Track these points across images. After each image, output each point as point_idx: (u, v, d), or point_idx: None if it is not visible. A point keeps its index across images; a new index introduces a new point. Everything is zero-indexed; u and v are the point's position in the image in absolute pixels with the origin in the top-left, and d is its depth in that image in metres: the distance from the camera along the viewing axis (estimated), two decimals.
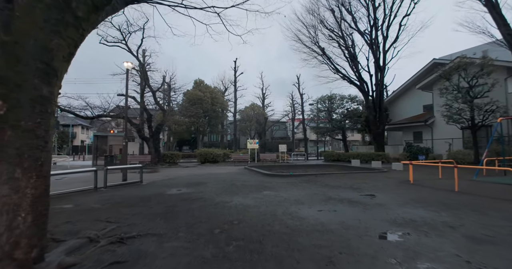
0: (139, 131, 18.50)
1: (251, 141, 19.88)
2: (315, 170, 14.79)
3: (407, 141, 24.03)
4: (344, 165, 18.01)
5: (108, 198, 7.13)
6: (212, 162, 19.54)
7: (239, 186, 8.93)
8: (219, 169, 15.91)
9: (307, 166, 17.61)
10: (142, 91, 17.95)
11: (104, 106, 18.13)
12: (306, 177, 10.96)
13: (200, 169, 15.80)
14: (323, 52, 22.84)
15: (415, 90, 26.49)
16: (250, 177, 11.42)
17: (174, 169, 16.00)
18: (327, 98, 24.84)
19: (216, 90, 34.47)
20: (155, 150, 18.43)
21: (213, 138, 46.35)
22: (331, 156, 23.84)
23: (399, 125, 25.06)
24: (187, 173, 13.52)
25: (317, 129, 25.55)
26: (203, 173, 13.09)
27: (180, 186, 9.15)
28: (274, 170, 15.20)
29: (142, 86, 17.97)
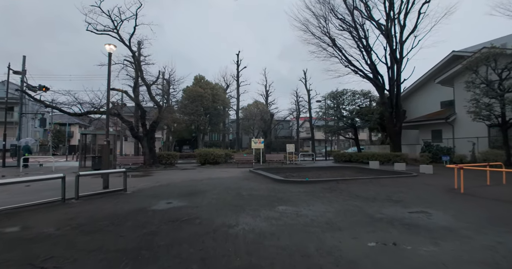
0: (132, 129, 16.68)
1: (255, 140, 18.02)
2: (332, 174, 12.92)
3: (425, 140, 22.09)
4: (360, 167, 16.10)
5: (71, 216, 5.28)
6: (213, 164, 17.69)
7: (246, 196, 7.06)
8: (221, 172, 14.05)
9: (319, 169, 15.71)
10: (135, 84, 16.10)
11: (94, 102, 16.36)
12: (326, 184, 9.05)
13: (199, 172, 13.95)
14: (334, 43, 20.92)
15: (432, 85, 24.54)
16: (258, 183, 9.54)
17: (170, 172, 14.15)
18: (338, 93, 22.90)
19: (217, 86, 32.59)
20: (149, 150, 16.59)
21: (214, 137, 44.50)
22: (342, 157, 21.95)
23: (415, 123, 23.10)
24: (183, 177, 11.67)
25: (326, 127, 23.61)
26: (202, 178, 11.23)
27: (171, 196, 7.28)
28: (284, 173, 13.34)
29: (135, 79, 16.10)
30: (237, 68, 27.77)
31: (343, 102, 23.03)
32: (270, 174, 11.38)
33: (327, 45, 21.36)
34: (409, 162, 18.95)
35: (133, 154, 22.63)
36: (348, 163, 20.84)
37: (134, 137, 16.96)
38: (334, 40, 21.02)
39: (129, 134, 19.15)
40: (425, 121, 22.63)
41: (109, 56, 8.85)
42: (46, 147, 45.87)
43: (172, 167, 16.65)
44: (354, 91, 22.60)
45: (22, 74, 19.01)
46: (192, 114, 29.62)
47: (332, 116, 23.11)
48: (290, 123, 55.04)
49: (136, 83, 16.02)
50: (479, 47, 21.32)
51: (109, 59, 8.87)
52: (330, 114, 23.27)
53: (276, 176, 10.61)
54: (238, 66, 27.77)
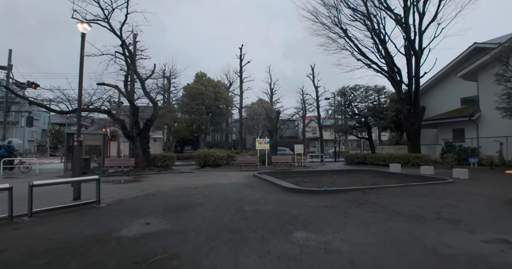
0: (124, 128, 15.09)
1: (260, 140, 16.32)
2: (350, 180, 11.19)
3: (446, 140, 20.17)
4: (379, 170, 14.31)
5: (4, 247, 3.69)
6: (213, 166, 16.03)
7: (249, 214, 5.35)
8: (221, 176, 12.37)
9: (333, 172, 13.95)
10: (126, 78, 14.50)
11: (85, 99, 14.80)
12: (350, 195, 7.30)
13: (196, 177, 12.29)
14: (346, 33, 19.14)
15: (450, 81, 22.63)
16: (264, 192, 7.82)
17: (164, 177, 12.52)
18: (349, 89, 21.10)
19: (219, 84, 30.96)
20: (143, 151, 14.98)
21: (217, 138, 42.90)
22: (354, 158, 20.12)
23: (434, 121, 21.18)
24: (177, 183, 10.00)
25: (336, 126, 21.80)
26: (198, 184, 9.54)
27: (153, 212, 5.62)
28: (293, 178, 11.63)
29: (126, 73, 14.49)
30: (240, 63, 26.09)
31: (355, 98, 21.22)
32: (278, 180, 9.66)
33: (337, 36, 19.61)
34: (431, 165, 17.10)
35: (126, 156, 21.08)
36: (362, 166, 19.01)
37: (126, 137, 15.37)
38: (346, 31, 19.26)
39: (120, 133, 17.57)
40: (445, 119, 20.71)
41: (82, 37, 7.22)
42: (44, 148, 44.68)
43: (167, 170, 15.02)
44: (367, 86, 20.79)
45: (8, 69, 17.55)
46: (193, 113, 28.03)
47: (343, 114, 21.30)
48: (296, 122, 53.28)
49: (127, 76, 14.42)
50: (502, 39, 19.38)
51: (82, 41, 7.24)
52: (341, 112, 21.46)
53: (286, 183, 8.88)
54: (241, 61, 26.09)
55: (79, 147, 7.20)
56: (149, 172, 14.07)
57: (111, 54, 13.83)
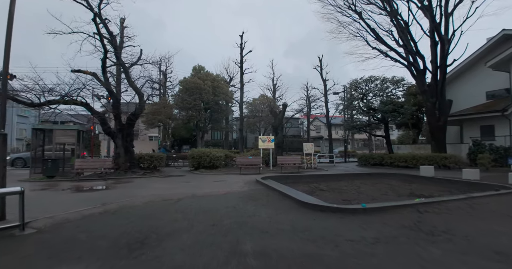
0: (104, 123, 12.79)
1: (264, 138, 13.96)
2: (377, 187, 8.85)
3: (474, 138, 17.78)
4: (408, 174, 11.92)
5: None
6: (209, 168, 13.71)
7: (253, 264, 2.99)
8: (216, 181, 10.04)
9: (352, 177, 11.59)
10: (104, 63, 12.14)
11: (61, 89, 12.57)
12: (401, 215, 4.94)
13: (185, 182, 9.97)
14: (360, 17, 16.75)
15: (475, 72, 20.21)
16: (274, 211, 5.44)
17: (145, 182, 10.21)
18: (363, 81, 18.73)
19: (218, 78, 28.60)
20: (125, 150, 12.68)
21: (216, 136, 40.57)
22: (370, 159, 17.75)
23: (457, 117, 18.75)
24: (156, 193, 7.66)
25: (349, 123, 19.41)
26: (183, 195, 7.19)
27: (91, 253, 3.29)
28: (307, 184, 9.32)
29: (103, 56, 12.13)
30: (240, 52, 23.69)
31: (369, 92, 18.84)
32: (289, 189, 7.32)
33: (351, 20, 17.22)
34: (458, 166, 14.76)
35: (105, 156, 18.81)
36: (380, 168, 16.65)
37: (106, 134, 13.10)
38: (360, 14, 16.87)
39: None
40: (471, 114, 18.31)
41: None
42: None
43: (154, 173, 12.71)
44: (384, 78, 18.38)
45: None
46: (190, 109, 25.71)
47: (357, 109, 18.92)
48: (299, 121, 50.84)
49: (104, 61, 12.08)
50: None
51: None
52: (354, 107, 19.09)
53: (302, 195, 6.53)
54: (242, 50, 23.68)
55: (3, 146, 4.86)
56: (131, 175, 11.76)
57: (84, 32, 11.46)
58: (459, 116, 18.55)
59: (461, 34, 14.50)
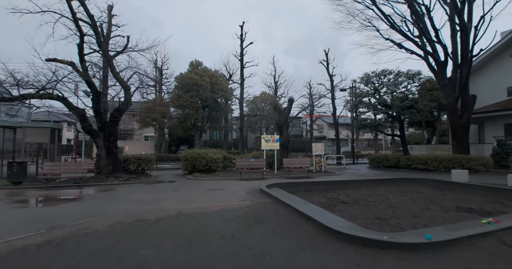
0: (84, 119, 11.06)
1: (268, 138, 12.21)
2: (409, 197, 7.13)
3: (498, 137, 16.09)
4: (435, 179, 10.17)
5: None
6: (205, 172, 11.98)
7: None
8: (211, 190, 8.30)
9: (371, 183, 9.85)
10: (81, 49, 10.38)
11: (37, 81, 10.92)
12: (489, 254, 3.20)
13: (173, 192, 8.23)
14: (373, 2, 15.03)
15: (496, 66, 18.54)
16: (291, 246, 3.68)
17: (125, 191, 8.47)
18: (376, 75, 17.01)
19: (217, 74, 26.85)
20: (107, 152, 10.95)
21: (215, 136, 38.81)
22: (384, 161, 16.03)
23: (477, 115, 17.02)
24: (131, 209, 5.93)
25: (360, 122, 17.67)
26: (165, 213, 5.43)
27: None
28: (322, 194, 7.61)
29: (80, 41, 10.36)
30: (241, 44, 21.89)
31: (382, 86, 17.13)
32: (308, 207, 5.59)
33: (364, 7, 15.50)
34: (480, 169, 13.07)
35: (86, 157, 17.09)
36: (396, 171, 14.94)
37: (86, 132, 11.35)
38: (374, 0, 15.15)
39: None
40: (495, 111, 16.61)
41: None
42: None
43: (140, 177, 10.96)
44: (399, 71, 16.67)
45: None
46: (186, 106, 23.96)
47: (368, 106, 17.20)
48: (301, 120, 49.13)
49: (81, 47, 10.32)
50: None
51: None
52: (366, 104, 17.36)
53: (327, 216, 4.80)
54: (242, 42, 21.89)
55: None
56: (113, 181, 10.02)
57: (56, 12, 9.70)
58: (481, 114, 16.85)
59: (491, 20, 12.76)
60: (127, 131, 33.15)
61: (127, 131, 33.15)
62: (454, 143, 15.20)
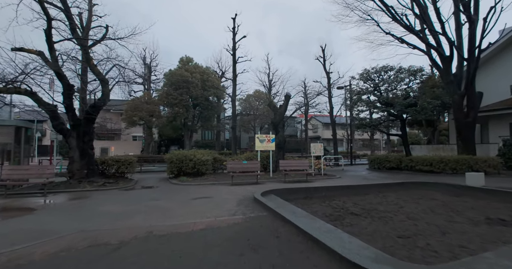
0: (55, 117, 9.77)
1: (262, 138, 11.05)
2: (425, 205, 6.11)
3: (504, 137, 15.31)
4: (448, 183, 9.18)
5: None
6: (192, 175, 10.79)
7: None
8: (196, 199, 7.12)
9: (377, 188, 8.81)
10: (49, 36, 9.08)
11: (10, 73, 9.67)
12: None
13: (150, 202, 7.02)
14: None
15: (498, 63, 17.78)
16: None
17: (94, 201, 7.24)
18: (376, 71, 16.07)
19: (209, 71, 25.61)
20: (81, 153, 9.68)
21: (207, 136, 37.50)
22: (385, 162, 15.12)
23: (486, 113, 16.22)
24: (90, 227, 4.73)
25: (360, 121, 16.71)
26: (133, 234, 4.25)
27: None
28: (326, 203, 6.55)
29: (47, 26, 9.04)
30: (233, 38, 20.68)
31: (383, 84, 16.20)
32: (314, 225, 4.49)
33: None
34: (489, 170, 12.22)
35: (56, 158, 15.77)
36: (399, 172, 14.03)
37: (57, 131, 10.06)
38: None
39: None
40: (501, 110, 15.83)
41: None
42: None
43: (119, 182, 9.71)
44: (400, 67, 15.76)
45: None
46: (176, 105, 22.68)
47: (368, 104, 16.26)
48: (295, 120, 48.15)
49: (49, 32, 9.01)
50: None
51: None
52: (366, 102, 16.41)
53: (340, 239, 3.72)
54: (234, 35, 20.67)
55: None
56: (85, 187, 8.76)
57: None
58: (486, 112, 16.05)
59: (501, 11, 11.88)
60: (114, 131, 31.64)
61: (114, 131, 31.64)
62: (459, 143, 14.33)
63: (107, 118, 31.48)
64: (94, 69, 10.66)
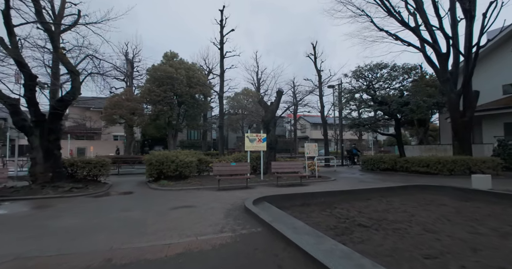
0: (16, 112, 8.48)
1: (252, 137, 10.07)
2: (438, 212, 5.33)
3: (499, 137, 15.02)
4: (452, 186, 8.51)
5: None
6: (175, 179, 9.71)
7: None
8: (174, 211, 6.08)
9: (384, 192, 8.03)
10: (6, 18, 7.82)
11: None
12: None
13: (119, 214, 5.95)
14: None
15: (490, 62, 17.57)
16: None
17: (50, 213, 6.11)
18: (369, 69, 15.45)
19: (194, 67, 24.41)
20: (45, 154, 8.45)
21: (193, 136, 36.20)
22: (380, 163, 14.52)
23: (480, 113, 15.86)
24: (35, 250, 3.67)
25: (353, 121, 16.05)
26: (83, 263, 3.26)
27: None
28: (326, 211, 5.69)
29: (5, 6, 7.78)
30: (220, 31, 19.55)
31: (376, 81, 15.61)
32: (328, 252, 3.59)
33: None
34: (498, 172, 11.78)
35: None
36: (394, 174, 13.44)
37: (19, 128, 8.77)
38: None
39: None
40: (495, 110, 15.55)
41: None
42: None
43: (89, 187, 8.52)
44: (394, 64, 15.21)
45: None
46: (159, 102, 21.39)
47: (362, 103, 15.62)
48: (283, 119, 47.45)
49: (7, 14, 7.75)
50: None
51: None
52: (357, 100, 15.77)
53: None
54: (222, 28, 19.54)
55: None
56: (48, 193, 7.55)
57: None
58: (481, 112, 15.71)
59: (502, 5, 11.42)
60: (94, 130, 29.87)
61: (94, 130, 29.87)
62: (455, 143, 13.89)
63: (87, 117, 29.72)
64: (63, 58, 9.41)
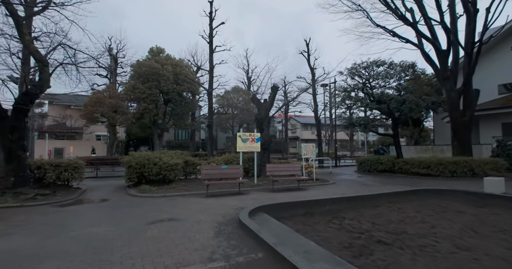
0: None
1: (245, 136, 9.10)
2: (458, 219, 4.48)
3: (497, 137, 14.64)
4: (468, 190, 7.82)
5: None
6: (158, 183, 8.68)
7: None
8: (153, 227, 5.05)
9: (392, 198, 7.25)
10: None
11: None
12: None
13: (85, 228, 4.94)
14: None
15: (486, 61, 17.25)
16: None
17: (12, 224, 5.04)
18: (365, 67, 14.80)
19: (182, 63, 23.24)
20: (7, 156, 7.29)
21: (180, 136, 34.89)
22: (377, 164, 13.88)
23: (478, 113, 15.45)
24: None
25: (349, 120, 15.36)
26: None
27: None
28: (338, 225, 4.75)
29: None
30: (210, 23, 18.44)
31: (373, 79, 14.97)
32: None
33: None
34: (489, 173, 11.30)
35: None
36: (392, 176, 12.82)
37: None
38: None
39: None
40: (493, 109, 15.17)
41: None
42: None
43: (58, 193, 7.40)
44: (392, 62, 14.61)
45: None
46: (144, 100, 20.17)
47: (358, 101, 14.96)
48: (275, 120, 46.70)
49: None
50: None
51: None
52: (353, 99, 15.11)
53: None
54: (211, 20, 18.40)
55: None
56: (6, 202, 6.41)
57: None
58: (479, 112, 15.27)
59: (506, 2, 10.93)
60: (74, 129, 28.22)
61: (74, 129, 28.22)
62: (454, 143, 13.37)
63: (67, 115, 28.03)
64: (30, 46, 8.23)
